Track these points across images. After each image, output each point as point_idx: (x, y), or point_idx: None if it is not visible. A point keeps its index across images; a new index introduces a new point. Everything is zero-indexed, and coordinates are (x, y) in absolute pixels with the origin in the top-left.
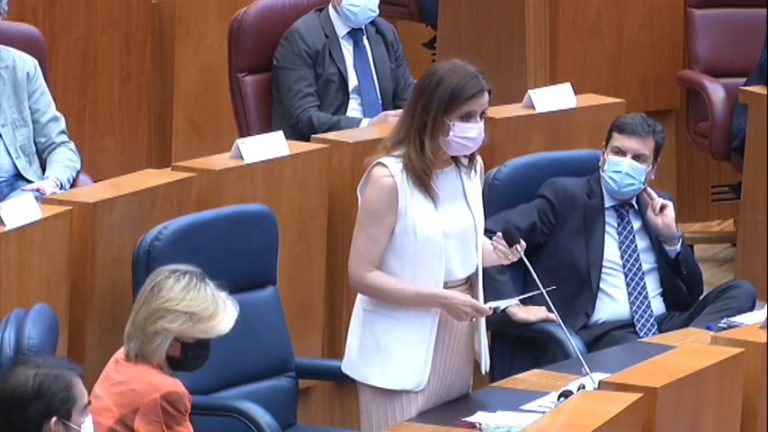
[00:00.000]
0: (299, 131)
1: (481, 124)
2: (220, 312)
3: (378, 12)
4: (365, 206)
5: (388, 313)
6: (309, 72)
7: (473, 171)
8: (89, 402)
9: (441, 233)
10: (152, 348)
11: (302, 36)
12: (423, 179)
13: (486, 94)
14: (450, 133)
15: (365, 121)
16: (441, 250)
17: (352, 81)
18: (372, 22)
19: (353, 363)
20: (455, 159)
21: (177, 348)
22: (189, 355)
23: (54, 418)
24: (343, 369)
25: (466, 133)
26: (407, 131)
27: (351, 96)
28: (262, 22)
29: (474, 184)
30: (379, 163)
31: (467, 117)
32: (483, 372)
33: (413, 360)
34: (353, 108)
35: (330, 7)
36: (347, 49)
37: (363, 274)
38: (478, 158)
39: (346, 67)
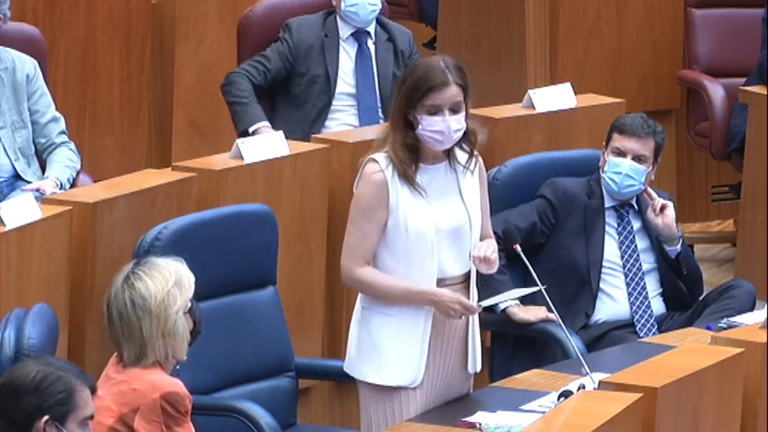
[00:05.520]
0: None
1: (449, 118)
2: (180, 269)
3: (380, 6)
4: (357, 201)
5: (382, 310)
6: (279, 62)
7: (471, 168)
8: (92, 417)
9: (432, 228)
10: (179, 340)
11: (291, 29)
12: (403, 173)
13: (454, 88)
14: (419, 127)
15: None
16: (432, 246)
17: (343, 85)
18: (386, 29)
19: (353, 361)
20: (449, 155)
21: (189, 319)
22: (197, 316)
23: (46, 417)
24: (345, 368)
25: (432, 127)
26: (390, 127)
27: (347, 100)
28: (269, 19)
29: (471, 182)
30: (371, 159)
31: (433, 111)
32: (471, 372)
33: (407, 356)
34: (350, 113)
35: (337, 14)
36: (347, 53)
37: (353, 269)
38: (478, 157)
39: (337, 69)
